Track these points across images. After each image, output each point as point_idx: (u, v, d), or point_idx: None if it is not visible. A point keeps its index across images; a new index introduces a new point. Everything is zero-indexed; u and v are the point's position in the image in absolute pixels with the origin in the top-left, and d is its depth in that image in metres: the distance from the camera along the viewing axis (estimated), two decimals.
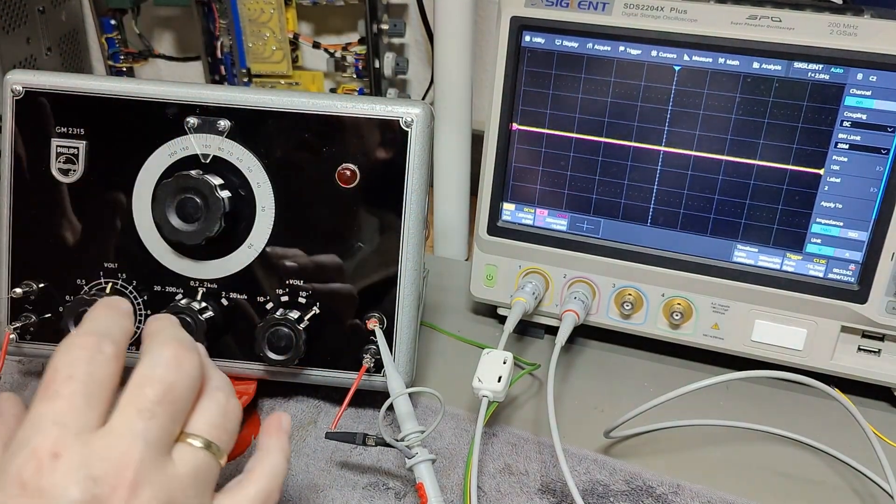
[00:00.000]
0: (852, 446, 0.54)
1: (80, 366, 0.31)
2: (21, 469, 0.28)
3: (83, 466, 0.28)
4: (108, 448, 0.29)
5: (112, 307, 0.35)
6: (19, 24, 0.93)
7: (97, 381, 0.31)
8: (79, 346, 0.31)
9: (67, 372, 0.30)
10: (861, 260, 0.55)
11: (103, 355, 0.31)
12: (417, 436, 0.47)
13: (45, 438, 0.29)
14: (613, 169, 0.59)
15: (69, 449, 0.29)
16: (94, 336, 0.32)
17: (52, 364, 0.31)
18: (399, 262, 0.52)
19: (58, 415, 0.29)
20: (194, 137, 0.51)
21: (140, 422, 0.30)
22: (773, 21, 0.53)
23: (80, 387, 0.30)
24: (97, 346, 0.31)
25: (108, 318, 0.34)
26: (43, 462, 0.28)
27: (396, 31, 0.93)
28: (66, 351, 0.31)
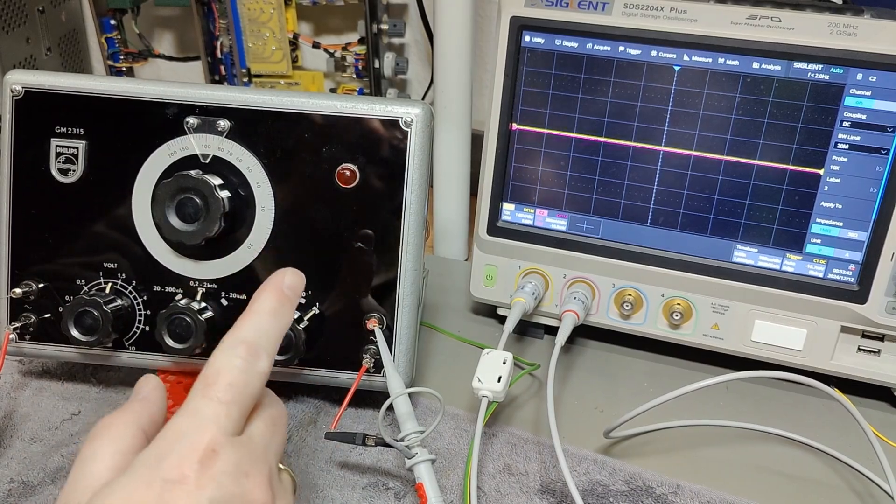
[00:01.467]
0: (852, 446, 0.54)
1: (239, 376, 0.33)
2: (183, 459, 0.30)
3: (236, 463, 0.31)
4: (251, 451, 0.33)
5: (280, 309, 0.37)
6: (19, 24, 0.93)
7: (250, 394, 0.34)
8: (239, 355, 0.34)
9: (228, 379, 0.33)
10: (861, 260, 0.55)
11: (258, 370, 0.34)
12: (417, 436, 0.47)
13: (203, 434, 0.31)
14: (613, 169, 0.59)
15: (224, 447, 0.31)
16: (254, 347, 0.35)
17: (214, 364, 0.34)
18: (399, 262, 0.52)
19: (216, 416, 0.32)
20: (194, 137, 0.51)
21: (268, 433, 0.35)
22: (772, 21, 0.53)
23: (237, 396, 0.33)
24: (255, 359, 0.34)
25: (273, 324, 0.36)
26: (206, 456, 0.31)
27: (396, 31, 0.93)
28: (229, 356, 0.34)
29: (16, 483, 0.49)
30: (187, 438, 0.31)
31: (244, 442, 0.33)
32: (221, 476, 0.31)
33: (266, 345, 0.35)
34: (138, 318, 0.54)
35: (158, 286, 0.53)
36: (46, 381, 0.59)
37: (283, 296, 0.37)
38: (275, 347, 0.36)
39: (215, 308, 0.53)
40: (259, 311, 0.36)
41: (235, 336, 0.35)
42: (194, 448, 0.31)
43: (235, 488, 0.31)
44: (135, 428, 0.34)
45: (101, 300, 0.51)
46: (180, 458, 0.30)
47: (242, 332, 0.35)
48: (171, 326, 0.51)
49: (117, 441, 0.34)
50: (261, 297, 0.37)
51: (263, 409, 0.36)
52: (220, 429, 0.32)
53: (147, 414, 0.36)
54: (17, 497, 0.48)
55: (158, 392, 0.37)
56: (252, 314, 0.36)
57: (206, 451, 0.31)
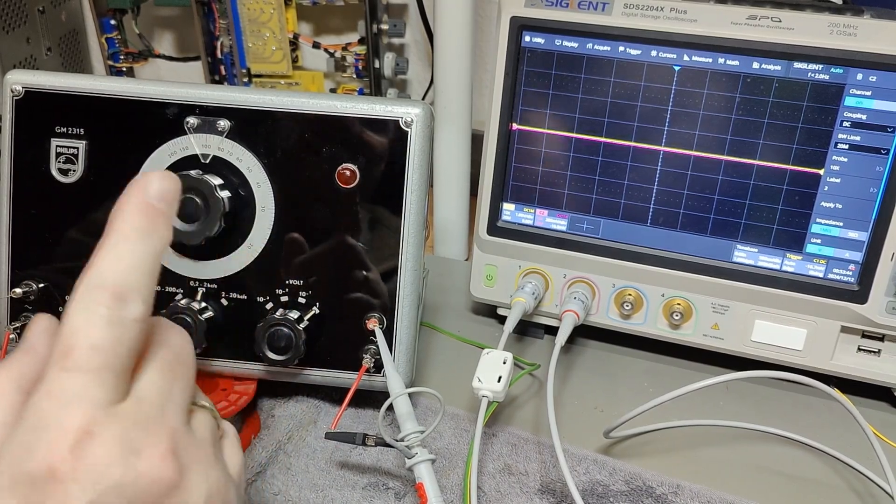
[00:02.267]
0: (852, 446, 0.54)
1: (105, 333, 0.26)
2: (50, 453, 0.25)
3: (121, 440, 0.26)
4: (142, 417, 0.27)
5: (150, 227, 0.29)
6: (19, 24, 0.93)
7: (124, 352, 0.27)
8: (102, 303, 0.27)
9: (90, 341, 0.26)
10: (861, 260, 0.55)
11: (131, 317, 0.27)
12: (417, 436, 0.47)
13: (72, 416, 0.25)
14: (613, 169, 0.59)
15: (102, 424, 0.26)
16: (118, 290, 0.27)
17: (69, 323, 0.26)
18: (399, 262, 0.52)
19: (84, 390, 0.26)
20: (194, 137, 0.51)
21: (165, 385, 0.28)
22: (772, 21, 0.53)
23: (109, 358, 0.26)
24: (123, 305, 0.27)
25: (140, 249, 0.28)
26: (77, 442, 0.25)
27: (396, 31, 0.93)
28: (84, 309, 0.27)
29: None
30: (52, 423, 0.25)
31: (128, 410, 0.27)
32: (102, 461, 0.25)
33: (136, 282, 0.28)
34: None
35: (158, 286, 0.53)
36: None
37: (150, 209, 0.29)
38: (149, 282, 0.28)
39: (215, 308, 0.53)
40: (120, 239, 0.28)
41: (92, 278, 0.27)
42: (63, 434, 0.25)
43: (125, 473, 0.25)
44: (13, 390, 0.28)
45: None
46: (46, 448, 0.25)
47: (100, 272, 0.27)
48: None
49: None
50: (119, 217, 0.29)
51: (153, 353, 0.29)
52: (90, 404, 0.26)
53: (30, 369, 0.28)
54: None
55: (46, 338, 0.29)
56: (110, 244, 0.28)
57: (78, 434, 0.25)
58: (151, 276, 0.28)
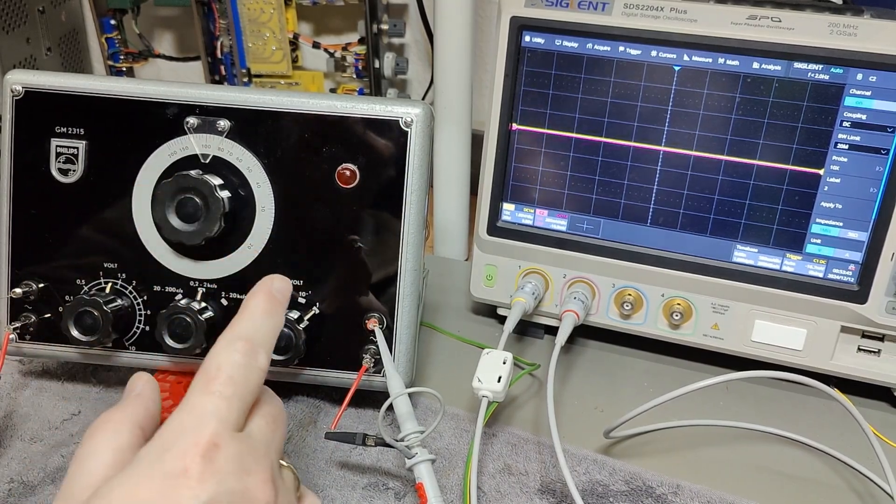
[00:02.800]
0: (852, 446, 0.54)
1: (239, 371, 0.34)
2: (185, 452, 0.30)
3: (238, 458, 0.31)
4: (253, 447, 0.33)
5: (273, 309, 0.37)
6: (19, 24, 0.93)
7: (250, 390, 0.34)
8: (239, 350, 0.34)
9: (229, 373, 0.33)
10: (861, 260, 0.55)
11: (257, 365, 0.35)
12: (417, 436, 0.47)
13: (205, 428, 0.31)
14: (613, 169, 0.59)
15: (227, 441, 0.31)
16: (252, 343, 0.35)
17: (214, 360, 0.34)
18: (399, 262, 0.52)
19: (217, 410, 0.32)
20: (194, 137, 0.51)
21: (269, 430, 0.35)
22: (772, 21, 0.53)
23: (238, 390, 0.33)
24: (254, 354, 0.35)
25: (267, 323, 0.37)
26: (208, 450, 0.31)
27: (396, 31, 0.93)
28: (228, 351, 0.34)
29: (16, 483, 0.49)
30: (190, 432, 0.31)
31: (245, 438, 0.33)
32: (223, 470, 0.31)
33: (263, 341, 0.36)
34: (138, 318, 0.54)
35: (158, 286, 0.53)
36: (46, 381, 0.59)
37: (273, 298, 0.38)
38: (271, 345, 0.37)
39: (215, 308, 0.53)
40: (253, 311, 0.37)
41: (233, 333, 0.36)
42: (196, 442, 0.31)
43: (237, 484, 0.31)
44: (131, 424, 0.34)
45: (101, 300, 0.51)
46: (182, 451, 0.30)
47: (239, 330, 0.36)
48: (171, 326, 0.51)
49: (115, 438, 0.34)
50: (253, 299, 0.38)
51: (263, 407, 0.36)
52: (221, 423, 0.32)
53: (143, 410, 0.35)
54: (17, 497, 0.48)
55: (151, 387, 0.37)
56: (246, 314, 0.37)
57: (208, 444, 0.31)
58: (272, 341, 0.37)
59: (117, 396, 0.57)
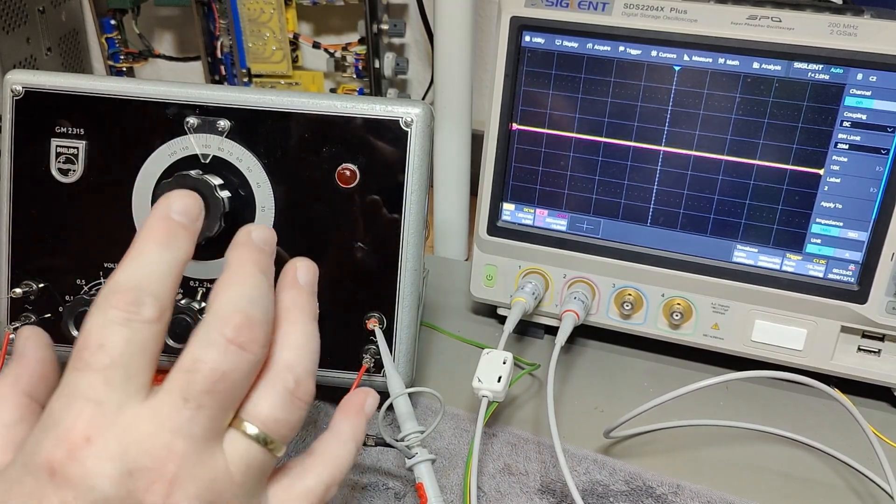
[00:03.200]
0: (852, 446, 0.54)
1: (114, 331, 0.27)
2: (51, 452, 0.25)
3: (118, 457, 0.26)
4: (148, 437, 0.26)
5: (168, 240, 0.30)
6: (19, 24, 0.93)
7: (136, 350, 0.27)
8: (115, 305, 0.27)
9: (98, 339, 0.27)
10: (861, 260, 0.55)
11: (143, 318, 0.28)
12: (417, 436, 0.47)
13: (77, 418, 0.26)
14: (613, 169, 0.59)
15: (104, 433, 0.26)
16: (131, 293, 0.28)
17: (84, 327, 0.28)
18: (399, 262, 0.52)
19: (92, 390, 0.26)
20: (194, 137, 0.51)
21: (186, 411, 0.27)
22: (773, 21, 0.53)
23: (116, 357, 0.27)
24: (137, 305, 0.28)
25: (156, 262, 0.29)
26: (74, 447, 0.25)
27: (396, 31, 0.93)
28: (99, 311, 0.28)
29: None
30: (59, 422, 0.26)
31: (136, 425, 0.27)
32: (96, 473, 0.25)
33: (151, 287, 0.28)
34: None
35: None
36: None
37: (171, 222, 0.31)
38: (166, 288, 0.29)
39: None
40: (140, 250, 0.29)
41: (109, 285, 0.28)
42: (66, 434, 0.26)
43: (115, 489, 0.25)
44: (16, 393, 0.30)
45: None
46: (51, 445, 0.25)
47: (117, 279, 0.28)
48: (171, 326, 0.51)
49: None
50: (142, 230, 0.30)
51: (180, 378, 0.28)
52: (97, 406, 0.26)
53: (26, 374, 0.30)
54: None
55: (33, 344, 0.31)
56: (130, 256, 0.29)
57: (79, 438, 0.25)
58: (169, 283, 0.29)
59: None
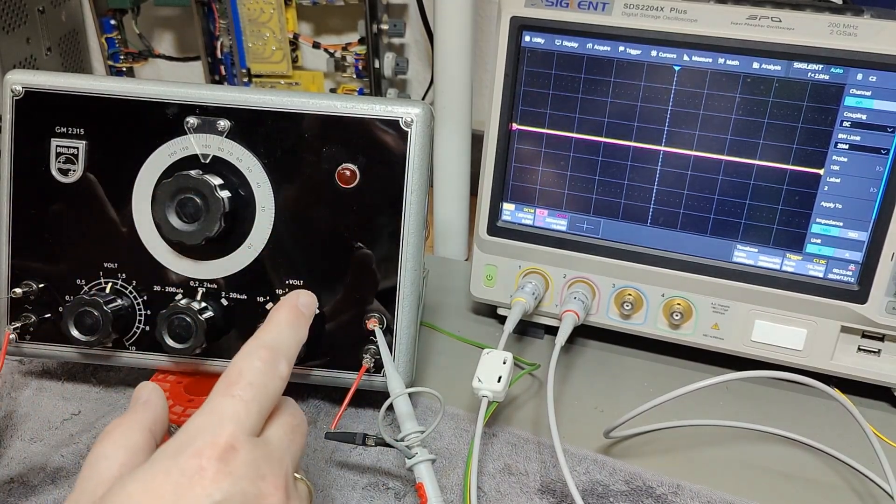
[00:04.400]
0: (852, 446, 0.54)
1: (259, 377, 0.35)
2: (202, 452, 0.31)
3: (253, 463, 0.32)
4: (270, 453, 0.34)
5: (297, 321, 0.39)
6: (19, 24, 0.93)
7: (269, 396, 0.35)
8: (261, 358, 0.36)
9: (249, 379, 0.34)
10: (861, 260, 0.55)
11: (278, 373, 0.36)
12: (417, 436, 0.47)
13: (224, 431, 0.32)
14: (613, 169, 0.59)
15: (244, 445, 0.32)
16: (274, 352, 0.36)
17: (236, 366, 0.35)
18: (399, 262, 0.52)
19: (236, 413, 0.33)
20: (194, 137, 0.51)
21: (286, 439, 0.36)
22: (772, 21, 0.53)
23: (258, 396, 0.34)
24: (275, 362, 0.36)
25: (290, 333, 0.39)
26: (224, 451, 0.31)
27: (396, 31, 0.93)
28: (250, 358, 0.36)
29: (16, 483, 0.49)
30: (208, 433, 0.32)
31: (262, 444, 0.34)
32: (238, 473, 0.31)
33: (285, 351, 0.37)
34: (138, 317, 0.54)
35: (158, 286, 0.53)
36: (46, 381, 0.59)
37: (298, 311, 0.40)
38: (293, 355, 0.38)
39: (215, 308, 0.53)
40: (278, 322, 0.39)
41: (257, 342, 0.37)
42: (214, 442, 0.31)
43: (251, 487, 0.31)
44: (142, 428, 0.35)
45: (101, 300, 0.51)
46: (199, 451, 0.31)
47: (263, 338, 0.37)
48: (171, 326, 0.51)
49: (126, 439, 0.34)
50: (278, 311, 0.40)
51: (282, 416, 0.37)
52: (239, 426, 0.33)
53: (151, 416, 0.36)
54: (17, 497, 0.48)
55: (158, 395, 0.38)
56: (271, 324, 0.38)
57: (225, 446, 0.31)
58: (295, 352, 0.38)
59: (117, 396, 0.58)
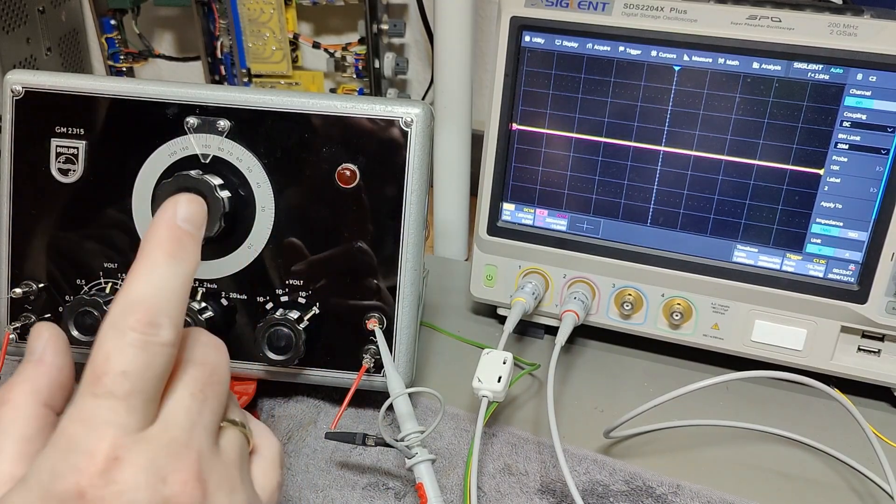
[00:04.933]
0: (852, 446, 0.54)
1: (135, 359, 0.27)
2: (79, 476, 0.25)
3: (148, 467, 0.26)
4: (170, 442, 0.27)
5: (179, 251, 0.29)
6: (19, 24, 0.93)
7: (155, 377, 0.27)
8: (133, 327, 0.27)
9: (121, 366, 0.26)
10: (861, 260, 0.55)
11: (161, 342, 0.27)
12: (417, 436, 0.47)
13: (101, 441, 0.26)
14: (613, 169, 0.59)
15: (130, 450, 0.26)
16: (150, 312, 0.27)
17: (102, 348, 0.27)
18: (399, 262, 0.52)
19: (114, 416, 0.26)
20: (194, 137, 0.51)
21: (195, 406, 0.28)
22: (773, 21, 0.53)
23: (137, 385, 0.27)
24: (155, 329, 0.27)
25: (171, 272, 0.28)
26: (105, 468, 0.25)
27: (396, 31, 0.93)
28: (118, 332, 0.27)
29: None
30: (82, 447, 0.26)
31: (157, 436, 0.27)
32: (131, 487, 0.25)
33: (166, 306, 0.28)
34: None
35: None
36: None
37: (178, 232, 0.29)
38: (179, 306, 0.28)
39: (215, 308, 0.53)
40: (150, 263, 0.28)
41: (125, 300, 0.27)
42: (91, 458, 0.25)
43: (151, 496, 0.26)
44: (35, 403, 0.29)
45: (101, 300, 0.51)
46: (76, 470, 0.25)
47: (132, 295, 0.27)
48: None
49: (15, 424, 0.28)
50: (149, 241, 0.28)
51: (185, 372, 0.29)
52: (120, 429, 0.26)
53: (46, 381, 0.30)
54: None
55: (54, 347, 0.30)
56: (140, 269, 0.28)
57: (106, 460, 0.25)
58: (182, 300, 0.28)
59: None
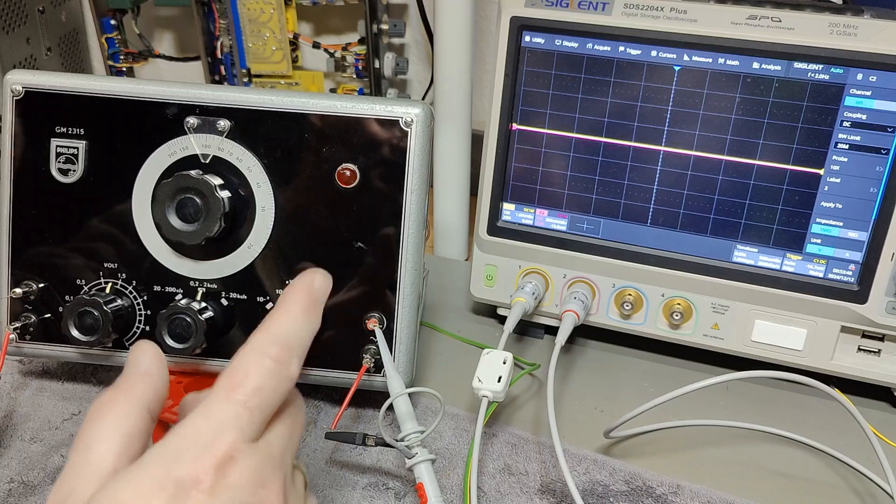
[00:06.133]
0: (852, 446, 0.54)
1: (268, 381, 0.32)
2: (199, 462, 0.29)
3: (254, 472, 0.30)
4: (270, 457, 0.31)
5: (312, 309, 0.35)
6: (19, 24, 0.93)
7: (277, 400, 0.32)
8: (272, 357, 0.32)
9: (257, 383, 0.31)
10: (861, 260, 0.55)
11: (289, 374, 0.33)
12: (417, 436, 0.47)
13: (223, 439, 0.30)
14: (613, 169, 0.59)
15: (244, 453, 0.30)
16: (287, 349, 0.33)
17: (243, 364, 0.32)
18: (399, 262, 0.52)
19: (239, 421, 0.30)
20: (194, 137, 0.51)
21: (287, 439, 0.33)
22: (773, 21, 0.53)
23: (264, 402, 0.31)
24: (287, 362, 0.32)
25: (304, 325, 0.34)
26: (223, 463, 0.29)
27: (396, 31, 0.93)
28: (260, 357, 0.32)
29: (16, 483, 0.49)
30: (206, 440, 0.29)
31: (263, 448, 0.31)
32: (238, 484, 0.29)
33: (297, 347, 0.34)
34: (138, 318, 0.54)
35: (158, 286, 0.53)
36: (46, 381, 0.59)
37: (313, 296, 0.35)
38: (305, 350, 0.34)
39: (215, 308, 0.53)
40: (291, 311, 0.34)
41: (268, 335, 0.33)
42: (213, 452, 0.29)
43: (250, 497, 0.30)
44: (140, 408, 0.32)
45: (101, 300, 0.51)
46: (196, 459, 0.29)
47: (274, 332, 0.33)
48: (171, 326, 0.51)
49: (121, 422, 0.31)
50: (292, 295, 0.35)
51: (286, 411, 0.34)
52: (241, 435, 0.30)
53: (151, 390, 0.33)
54: (17, 497, 0.48)
55: (158, 362, 0.34)
56: (284, 313, 0.34)
57: (224, 457, 0.29)
58: (306, 347, 0.34)
59: None
